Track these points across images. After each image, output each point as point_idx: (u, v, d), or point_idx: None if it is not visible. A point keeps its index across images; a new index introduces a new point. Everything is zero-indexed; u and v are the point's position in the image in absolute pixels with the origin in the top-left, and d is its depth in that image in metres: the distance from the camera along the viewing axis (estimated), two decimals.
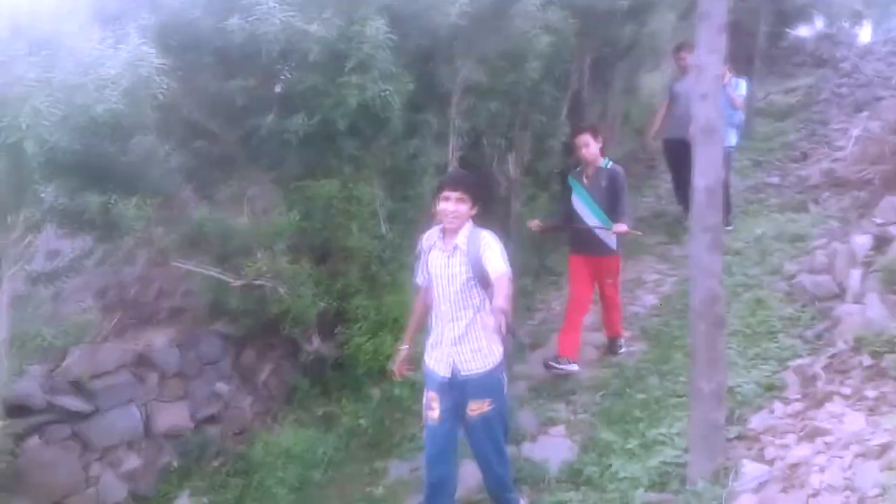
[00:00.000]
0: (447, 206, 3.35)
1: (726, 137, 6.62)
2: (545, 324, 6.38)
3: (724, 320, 3.52)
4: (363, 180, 5.12)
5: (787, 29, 13.76)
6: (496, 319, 2.87)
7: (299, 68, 4.26)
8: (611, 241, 5.15)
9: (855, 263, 4.85)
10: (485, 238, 3.37)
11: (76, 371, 4.02)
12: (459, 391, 3.43)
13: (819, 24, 14.48)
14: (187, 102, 4.39)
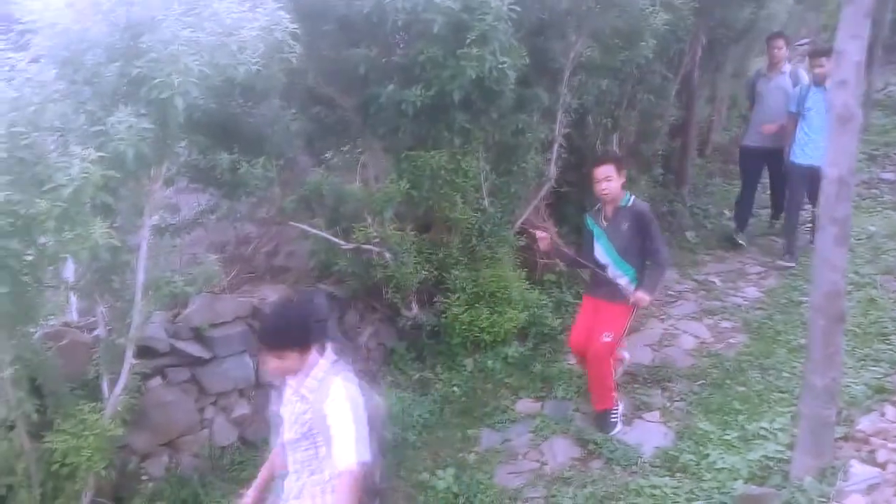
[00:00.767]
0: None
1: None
2: (641, 308, 6.29)
3: (845, 316, 3.41)
4: (470, 153, 5.17)
5: None
6: None
7: (421, 39, 4.30)
8: (626, 291, 4.43)
9: None
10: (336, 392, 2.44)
11: (196, 319, 4.22)
12: None
13: None
14: (311, 68, 4.52)
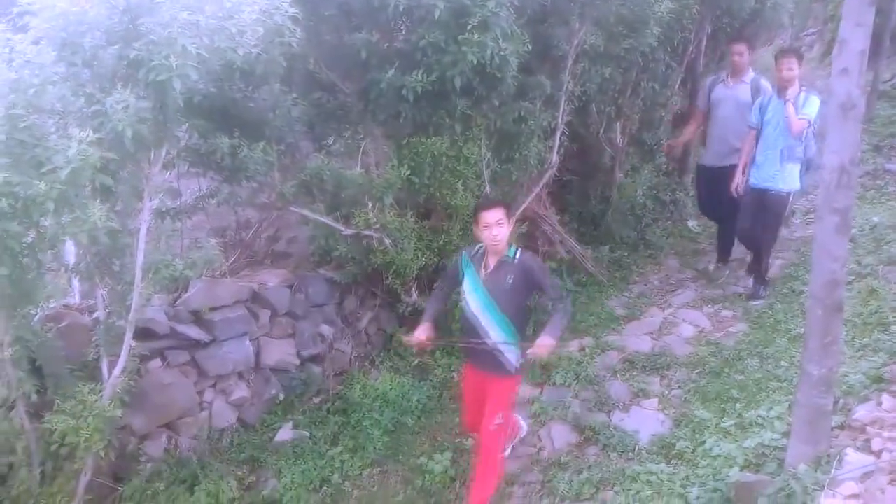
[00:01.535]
0: None
1: (787, 176, 5.57)
2: (641, 297, 6.33)
3: (843, 306, 3.40)
4: (472, 140, 5.16)
5: None
6: None
7: (422, 24, 4.28)
8: (511, 359, 3.63)
9: None
10: None
11: (196, 303, 4.25)
12: None
13: None
14: (311, 53, 4.51)
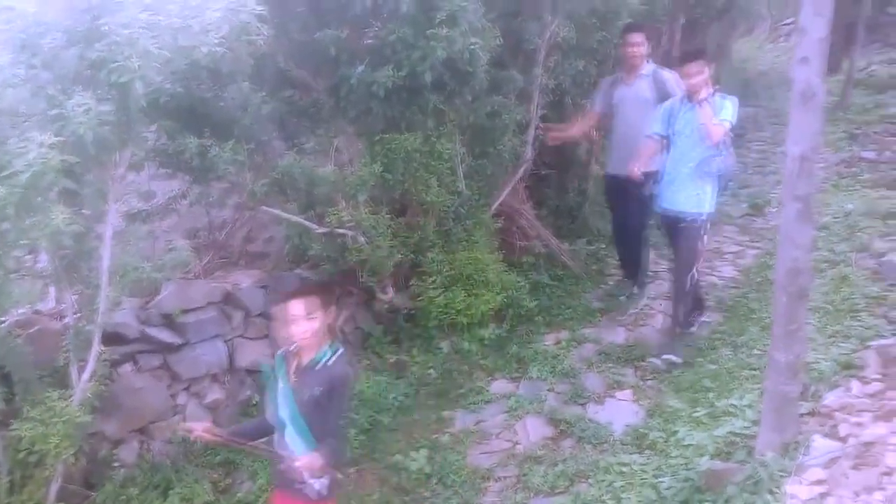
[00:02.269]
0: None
1: (702, 197, 4.84)
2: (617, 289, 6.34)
3: (808, 293, 3.43)
4: (445, 135, 5.16)
5: None
6: None
7: (390, 19, 4.29)
8: (318, 483, 2.85)
9: None
10: None
11: (168, 305, 4.22)
12: None
13: None
14: (280, 51, 4.50)
